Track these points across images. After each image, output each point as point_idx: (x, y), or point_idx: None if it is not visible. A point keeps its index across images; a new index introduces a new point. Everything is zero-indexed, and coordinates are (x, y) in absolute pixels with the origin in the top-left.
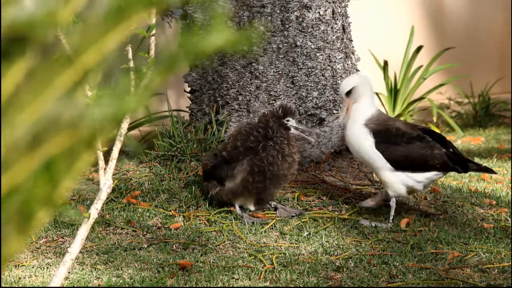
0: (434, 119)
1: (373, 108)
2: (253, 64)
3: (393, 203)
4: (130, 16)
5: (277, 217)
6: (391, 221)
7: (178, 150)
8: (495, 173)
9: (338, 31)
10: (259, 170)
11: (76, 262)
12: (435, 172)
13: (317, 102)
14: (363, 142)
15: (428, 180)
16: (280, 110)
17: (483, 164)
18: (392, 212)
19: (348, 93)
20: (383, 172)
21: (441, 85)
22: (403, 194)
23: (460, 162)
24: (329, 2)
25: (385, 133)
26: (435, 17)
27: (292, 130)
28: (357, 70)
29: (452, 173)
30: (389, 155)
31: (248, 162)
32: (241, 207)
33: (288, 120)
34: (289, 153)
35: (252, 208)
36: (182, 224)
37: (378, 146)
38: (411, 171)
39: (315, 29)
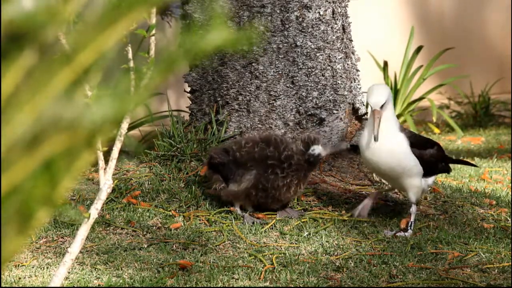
0: (434, 119)
1: (395, 118)
2: (253, 64)
3: (415, 209)
4: (127, 15)
5: (277, 218)
6: (412, 228)
7: (178, 150)
8: (470, 164)
9: (338, 31)
10: (262, 188)
11: (76, 262)
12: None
13: (317, 102)
14: (400, 149)
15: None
16: (302, 145)
17: (483, 165)
18: (413, 219)
19: (383, 106)
20: (414, 179)
21: (441, 85)
22: (420, 199)
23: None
24: (329, 2)
25: (415, 139)
26: (435, 17)
27: (323, 155)
28: (357, 70)
29: (452, 173)
30: (422, 160)
31: (255, 175)
32: (241, 207)
33: (313, 150)
34: (295, 188)
35: (251, 209)
36: (182, 224)
37: (413, 151)
38: (432, 175)
39: (315, 29)
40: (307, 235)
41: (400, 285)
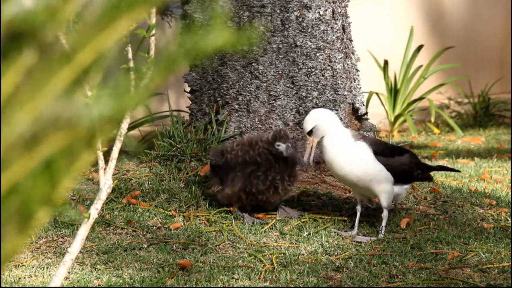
0: (432, 119)
1: (347, 131)
2: (253, 64)
3: (386, 213)
4: (127, 15)
5: (277, 218)
6: (384, 232)
7: (178, 150)
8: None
9: (338, 31)
10: (250, 192)
11: (76, 262)
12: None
13: (317, 102)
14: (361, 156)
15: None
16: (270, 137)
17: (483, 165)
18: (385, 223)
19: (310, 133)
20: (383, 185)
21: (441, 85)
22: (391, 206)
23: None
24: (329, 2)
25: (379, 147)
26: (435, 17)
27: (284, 154)
28: (357, 70)
29: (452, 173)
30: (391, 167)
31: (242, 180)
32: (240, 208)
33: (278, 145)
34: (282, 187)
35: (249, 208)
36: (182, 224)
37: (378, 158)
38: (408, 183)
39: (315, 29)
40: (307, 235)
41: (400, 285)
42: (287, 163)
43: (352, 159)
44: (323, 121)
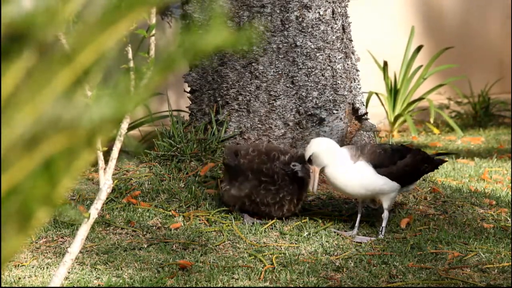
0: (432, 120)
1: (345, 152)
2: (253, 64)
3: (387, 214)
4: (127, 15)
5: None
6: (384, 233)
7: (178, 150)
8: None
9: (338, 31)
10: (254, 201)
11: (76, 262)
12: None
13: (317, 102)
14: (362, 176)
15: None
16: (288, 158)
17: (483, 165)
18: (385, 224)
19: (310, 161)
20: (389, 194)
21: (440, 85)
22: (392, 207)
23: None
24: (329, 2)
25: (379, 159)
26: (435, 17)
27: (299, 174)
28: (357, 70)
29: (452, 173)
30: (394, 175)
31: (250, 185)
32: (240, 208)
33: (294, 165)
34: (289, 206)
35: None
36: (182, 224)
37: (380, 171)
38: (416, 180)
39: (315, 29)
40: (307, 235)
41: (400, 285)
42: (301, 186)
43: (354, 182)
44: (320, 150)
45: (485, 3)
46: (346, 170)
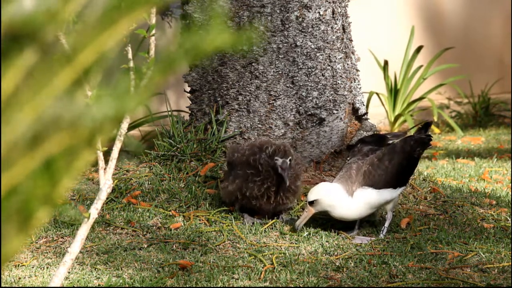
0: (435, 119)
1: (343, 192)
2: (253, 64)
3: (390, 215)
4: (127, 15)
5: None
6: (385, 233)
7: (178, 150)
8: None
9: (338, 31)
10: (245, 195)
11: (76, 262)
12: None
13: (317, 102)
14: (365, 202)
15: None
16: (271, 151)
17: (483, 165)
18: (388, 224)
19: (311, 203)
20: (392, 203)
21: (441, 85)
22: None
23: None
24: (329, 2)
25: (371, 175)
26: (435, 17)
27: (279, 171)
28: (357, 70)
29: (452, 173)
30: (389, 181)
31: (240, 181)
32: (240, 208)
33: (276, 159)
34: (275, 199)
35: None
36: (182, 224)
37: (378, 186)
38: (410, 174)
39: (315, 29)
40: (307, 235)
41: (400, 285)
42: (281, 176)
43: (362, 211)
44: (325, 198)
45: (486, 3)
46: (348, 208)
